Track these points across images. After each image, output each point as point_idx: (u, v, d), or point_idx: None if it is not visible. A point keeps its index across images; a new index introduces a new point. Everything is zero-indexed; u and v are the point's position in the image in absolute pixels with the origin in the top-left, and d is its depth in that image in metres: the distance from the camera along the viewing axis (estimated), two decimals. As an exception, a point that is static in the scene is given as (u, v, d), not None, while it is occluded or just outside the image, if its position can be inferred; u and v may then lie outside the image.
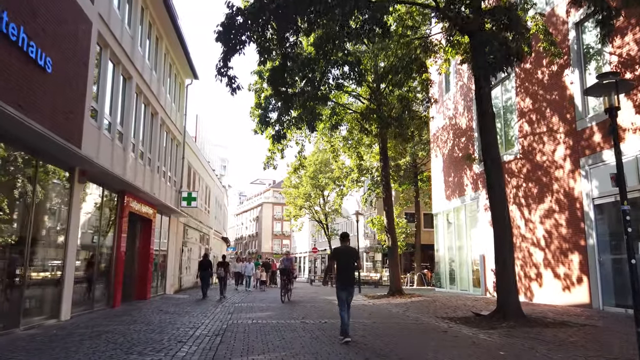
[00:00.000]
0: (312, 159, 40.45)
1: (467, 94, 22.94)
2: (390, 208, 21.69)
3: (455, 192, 24.29)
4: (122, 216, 13.45)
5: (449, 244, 25.66)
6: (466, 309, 14.30)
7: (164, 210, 18.85)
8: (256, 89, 20.57)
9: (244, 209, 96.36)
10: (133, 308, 13.29)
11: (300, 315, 12.25)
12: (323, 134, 25.28)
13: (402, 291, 20.92)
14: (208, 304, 15.57)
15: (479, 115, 12.08)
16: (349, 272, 8.33)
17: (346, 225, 45.85)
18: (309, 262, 60.65)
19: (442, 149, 26.28)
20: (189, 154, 23.91)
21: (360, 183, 33.81)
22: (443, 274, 26.03)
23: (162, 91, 18.07)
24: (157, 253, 18.55)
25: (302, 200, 40.74)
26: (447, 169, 25.31)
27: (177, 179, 21.28)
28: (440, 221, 27.10)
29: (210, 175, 32.40)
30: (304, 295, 21.31)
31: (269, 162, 23.01)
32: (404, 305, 16.00)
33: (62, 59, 9.32)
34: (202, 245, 29.88)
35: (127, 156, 13.79)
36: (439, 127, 26.51)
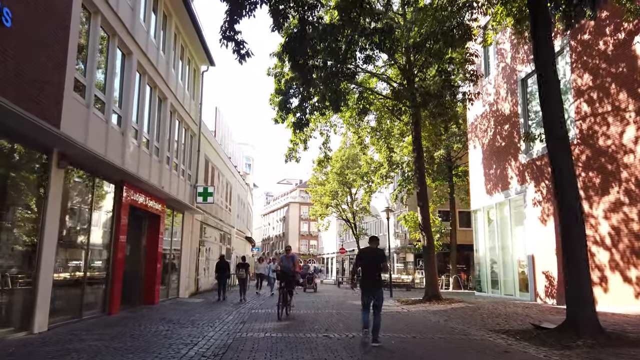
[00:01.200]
0: (339, 155, 38.54)
1: (510, 76, 20.59)
2: (425, 203, 19.51)
3: (497, 186, 21.91)
4: (120, 210, 11.80)
5: (491, 244, 23.29)
6: (520, 319, 12.09)
7: (176, 205, 17.24)
8: (276, 74, 18.75)
9: (270, 209, 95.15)
10: (132, 316, 11.61)
11: (323, 327, 10.31)
12: (349, 124, 23.29)
13: (439, 296, 18.74)
14: (221, 310, 13.80)
15: (541, 84, 9.88)
16: (373, 275, 7.84)
17: (375, 225, 43.65)
18: (337, 263, 58.61)
19: (481, 139, 23.95)
20: (206, 147, 22.31)
21: (390, 179, 31.68)
22: (484, 277, 23.67)
23: (172, 75, 16.45)
24: (168, 253, 16.95)
25: (328, 198, 38.81)
26: (488, 161, 22.95)
27: (191, 172, 19.67)
28: (480, 219, 24.72)
29: (231, 171, 30.83)
30: (330, 300, 19.35)
31: (290, 154, 21.19)
32: (445, 314, 13.87)
33: (29, 15, 7.65)
34: (223, 245, 28.30)
35: (127, 142, 12.14)
36: (478, 115, 24.17)
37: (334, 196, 38.72)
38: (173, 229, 17.57)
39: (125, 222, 12.11)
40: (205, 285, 22.88)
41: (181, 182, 17.99)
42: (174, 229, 17.66)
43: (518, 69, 19.85)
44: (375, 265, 7.90)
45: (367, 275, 7.93)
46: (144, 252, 14.63)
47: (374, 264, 7.89)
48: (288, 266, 12.36)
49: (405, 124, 20.69)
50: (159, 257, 15.11)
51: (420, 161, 19.59)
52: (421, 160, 19.73)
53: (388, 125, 23.19)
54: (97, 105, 10.61)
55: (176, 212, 17.90)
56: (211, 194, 19.73)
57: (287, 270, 12.31)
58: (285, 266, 12.39)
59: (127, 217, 12.21)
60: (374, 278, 7.89)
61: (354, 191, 39.89)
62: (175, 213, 17.72)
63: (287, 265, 12.40)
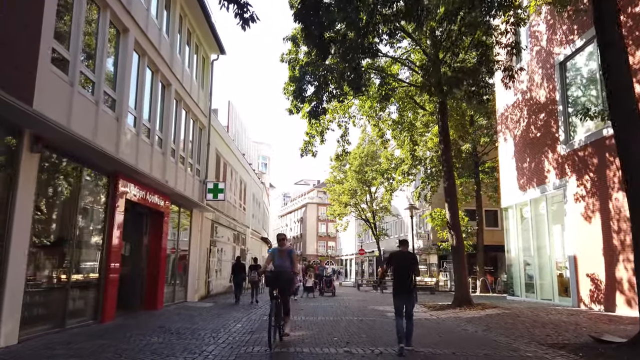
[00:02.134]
0: (357, 152, 37.00)
1: (545, 60, 18.82)
2: (454, 199, 17.87)
3: (531, 180, 20.13)
4: (115, 205, 10.51)
5: (524, 244, 21.50)
6: (572, 329, 10.40)
7: (183, 202, 15.96)
8: (290, 60, 17.34)
9: (287, 210, 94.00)
10: (127, 324, 10.29)
11: (344, 339, 8.82)
12: (369, 116, 21.76)
13: (470, 301, 17.07)
14: (229, 317, 12.40)
15: (603, 48, 8.24)
16: (405, 278, 7.69)
17: (396, 225, 41.92)
18: (356, 265, 56.97)
19: (512, 130, 22.18)
20: (217, 141, 21.03)
21: (412, 176, 30.00)
22: (517, 280, 21.87)
23: (178, 60, 15.17)
24: (175, 253, 15.67)
25: (347, 197, 37.27)
26: (521, 154, 21.16)
27: (201, 167, 18.39)
28: (511, 217, 22.91)
29: (246, 169, 29.56)
30: (350, 305, 17.84)
31: (306, 148, 19.76)
32: (481, 322, 12.25)
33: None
34: (237, 246, 27.03)
35: (123, 129, 10.85)
36: (508, 104, 22.41)
37: (352, 195, 37.17)
38: (180, 228, 16.30)
39: (120, 219, 10.82)
40: (217, 288, 21.59)
41: (189, 177, 16.71)
42: (181, 227, 16.39)
43: (555, 52, 18.08)
44: (407, 269, 7.73)
45: (399, 280, 7.75)
46: (145, 252, 13.36)
47: (405, 267, 7.74)
48: (283, 265, 8.70)
49: (430, 113, 19.10)
50: (163, 258, 13.83)
51: (447, 153, 17.96)
52: (449, 152, 18.10)
53: (410, 117, 21.61)
54: (85, 85, 9.33)
55: (183, 210, 16.63)
56: (222, 190, 18.42)
57: (282, 271, 8.66)
58: (280, 265, 8.72)
59: (122, 213, 10.92)
60: (406, 282, 7.67)
61: (374, 190, 38.28)
62: (182, 210, 16.45)
63: (281, 263, 8.72)
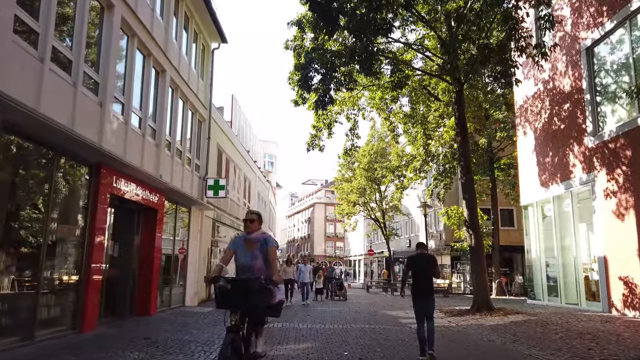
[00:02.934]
0: (367, 149, 35.73)
1: (570, 46, 17.48)
2: (472, 196, 16.59)
3: (554, 176, 18.79)
4: (97, 200, 9.37)
5: (546, 244, 20.15)
6: (615, 341, 9.10)
7: (180, 199, 14.84)
8: (295, 47, 16.15)
9: (295, 210, 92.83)
10: (109, 334, 9.15)
11: (356, 354, 7.60)
12: (380, 108, 20.50)
13: (491, 306, 15.79)
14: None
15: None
16: (425, 281, 7.61)
17: (406, 225, 40.59)
18: (365, 266, 55.67)
19: (533, 123, 20.83)
20: (218, 135, 19.89)
21: (424, 173, 28.70)
22: (538, 283, 20.52)
23: (173, 45, 14.04)
24: (171, 254, 14.54)
25: (355, 196, 35.99)
26: (542, 148, 19.81)
27: (200, 163, 17.26)
28: (531, 215, 21.55)
29: (250, 166, 28.42)
30: (360, 310, 16.60)
31: (313, 142, 18.57)
32: (507, 331, 10.98)
33: None
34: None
35: (107, 116, 9.72)
36: (528, 95, 21.06)
37: (361, 193, 35.88)
38: (177, 227, 15.17)
39: (104, 215, 9.69)
40: (219, 291, 20.44)
41: (187, 172, 15.58)
42: (178, 226, 15.26)
43: (581, 37, 16.74)
44: (427, 272, 7.62)
45: (419, 283, 7.62)
46: (137, 252, 12.22)
47: (425, 270, 7.61)
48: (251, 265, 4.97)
49: (445, 104, 17.84)
50: (157, 259, 12.68)
51: (465, 146, 16.68)
52: (466, 145, 16.82)
53: (423, 111, 20.36)
54: (60, 63, 8.20)
55: (181, 207, 15.50)
56: (223, 187, 17.27)
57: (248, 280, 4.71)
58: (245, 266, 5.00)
59: (107, 208, 9.79)
60: (426, 285, 7.60)
61: (383, 188, 36.98)
62: (179, 208, 15.32)
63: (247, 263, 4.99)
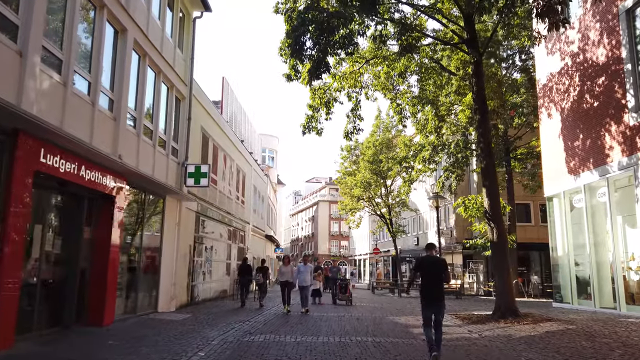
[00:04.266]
0: (371, 140, 33.41)
1: (605, 12, 15.14)
2: (494, 183, 14.28)
3: (586, 162, 16.45)
4: (13, 177, 7.12)
5: (575, 240, 17.82)
6: None
7: (149, 186, 12.60)
8: (287, 10, 13.86)
9: (298, 208, 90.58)
10: (23, 354, 6.90)
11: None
12: (385, 88, 18.18)
13: (516, 311, 13.45)
14: (196, 338, 8.95)
15: None
16: (436, 285, 7.22)
17: (414, 222, 38.18)
18: (370, 265, 53.30)
19: (559, 103, 18.48)
20: (203, 118, 17.65)
21: (434, 164, 26.37)
22: (566, 284, 18.17)
23: (139, 3, 11.78)
24: (136, 251, 12.28)
25: (359, 190, 33.62)
26: (571, 130, 17.45)
27: (179, 146, 15.02)
28: (557, 208, 19.20)
29: (245, 158, 26.17)
30: (363, 316, 14.25)
31: (309, 124, 16.33)
32: (547, 346, 8.70)
33: None
34: (234, 244, 23.63)
35: (30, 71, 7.48)
36: (552, 73, 18.70)
37: (365, 188, 33.50)
38: (146, 219, 12.92)
39: (25, 198, 7.43)
40: (205, 293, 18.19)
41: (160, 156, 13.34)
42: (147, 218, 13.01)
43: (618, 0, 14.47)
44: (437, 275, 7.31)
45: (428, 286, 7.29)
46: (87, 248, 9.96)
47: (435, 273, 7.32)
48: None
49: (461, 78, 15.52)
50: (115, 257, 10.42)
51: (485, 125, 14.34)
52: (487, 124, 14.48)
53: (434, 92, 18.03)
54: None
55: (152, 196, 13.27)
56: (205, 174, 15.01)
57: None
58: None
59: (30, 190, 7.53)
60: (436, 289, 7.27)
61: (390, 183, 34.58)
62: (149, 197, 13.08)
63: None
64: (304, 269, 15.38)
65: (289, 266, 15.65)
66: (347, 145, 35.45)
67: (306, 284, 15.19)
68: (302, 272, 15.32)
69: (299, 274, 15.31)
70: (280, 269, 16.03)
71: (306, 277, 15.20)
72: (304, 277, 15.22)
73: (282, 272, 15.55)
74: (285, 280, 15.14)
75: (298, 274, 15.33)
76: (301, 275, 15.28)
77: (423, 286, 7.29)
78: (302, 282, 15.23)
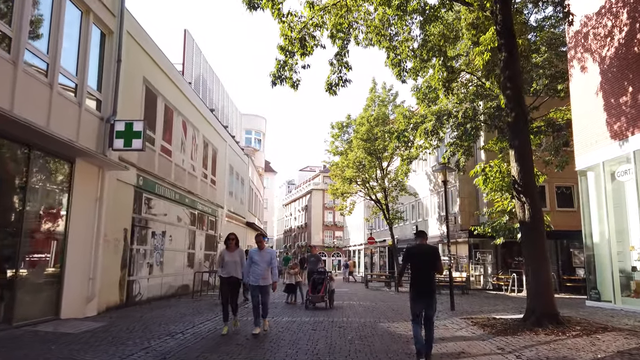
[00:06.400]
0: (365, 115, 29.66)
1: None
2: (525, 142, 10.64)
3: (635, 121, 12.84)
4: None
5: (617, 225, 14.27)
6: None
7: (42, 142, 8.84)
8: None
9: (292, 198, 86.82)
10: None
11: None
12: (379, 34, 14.35)
13: (557, 316, 9.83)
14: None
15: None
16: (426, 277, 6.75)
17: (413, 209, 34.48)
18: (365, 257, 49.73)
19: (597, 51, 14.83)
20: (146, 67, 13.83)
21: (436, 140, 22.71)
22: (605, 279, 14.60)
23: None
24: (12, 236, 8.48)
25: (351, 171, 29.85)
26: (615, 83, 13.79)
27: (102, 97, 11.24)
28: (592, 184, 15.62)
29: (217, 130, 22.36)
30: (348, 321, 10.47)
31: (280, 72, 12.62)
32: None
33: None
34: (201, 231, 19.91)
35: None
36: (589, 15, 15.01)
37: (359, 168, 29.74)
38: (34, 188, 9.12)
39: None
40: (153, 291, 14.46)
41: (63, 102, 9.55)
42: (34, 186, 9.21)
43: None
44: (427, 266, 6.77)
45: (418, 279, 6.77)
46: None
47: (426, 264, 6.77)
48: None
49: (479, 6, 11.74)
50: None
51: (513, 65, 10.63)
52: (516, 64, 10.74)
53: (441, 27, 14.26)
54: None
55: (49, 158, 9.50)
56: (139, 134, 11.23)
57: None
58: None
59: None
60: (426, 282, 6.73)
61: (386, 164, 30.85)
62: (42, 159, 9.31)
63: None
64: (258, 256, 8.79)
65: (236, 252, 8.99)
66: (337, 122, 31.65)
67: (264, 283, 8.74)
68: (256, 261, 8.77)
69: (250, 265, 8.81)
70: (222, 255, 9.07)
71: (261, 268, 8.72)
72: (256, 269, 8.71)
73: (225, 262, 8.91)
74: (230, 276, 8.87)
75: (249, 265, 8.84)
76: (254, 267, 8.74)
77: (412, 278, 6.84)
78: (251, 278, 8.77)
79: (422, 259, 6.84)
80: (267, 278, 8.82)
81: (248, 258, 8.94)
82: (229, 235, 9.14)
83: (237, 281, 8.97)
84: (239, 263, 8.91)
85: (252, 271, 8.76)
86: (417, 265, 6.84)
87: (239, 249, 9.15)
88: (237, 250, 9.05)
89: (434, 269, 6.81)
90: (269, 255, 8.94)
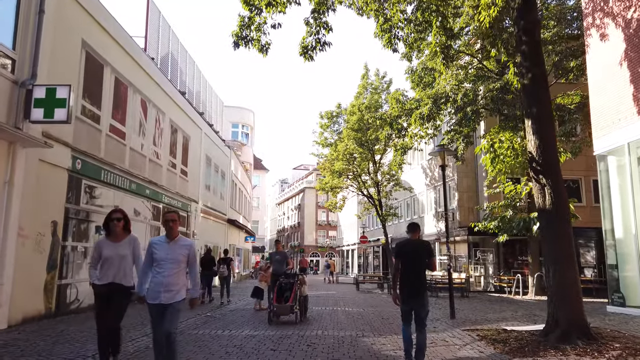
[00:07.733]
0: (357, 104, 27.50)
1: None
2: (545, 111, 8.45)
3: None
4: None
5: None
6: None
7: None
8: None
9: (285, 196, 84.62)
10: None
11: None
12: None
13: (588, 331, 7.65)
14: None
15: None
16: (418, 274, 6.16)
17: (408, 206, 32.31)
18: (359, 257, 47.53)
19: (617, 17, 12.72)
20: (86, 27, 11.54)
21: (433, 128, 20.71)
22: (633, 281, 12.45)
23: None
24: None
25: (341, 164, 27.64)
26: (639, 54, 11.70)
27: (17, 55, 9.00)
28: (613, 170, 13.47)
29: (189, 115, 20.11)
30: (324, 335, 8.13)
31: (242, 31, 10.48)
32: None
33: None
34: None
35: None
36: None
37: (349, 161, 27.53)
38: None
39: None
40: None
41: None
42: None
43: None
44: (418, 263, 6.17)
45: (408, 277, 6.14)
46: None
47: (417, 261, 6.17)
48: None
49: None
50: None
51: (531, 14, 8.46)
52: (533, 12, 8.58)
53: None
54: None
55: None
56: (63, 102, 9.01)
57: None
58: None
59: None
60: (417, 279, 6.10)
61: (378, 157, 28.67)
62: None
63: None
64: (165, 251, 4.98)
65: (124, 241, 5.50)
66: (327, 111, 29.45)
67: (170, 299, 4.88)
68: (161, 260, 4.97)
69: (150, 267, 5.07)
70: (99, 247, 5.52)
71: (169, 276, 4.94)
72: (161, 276, 4.92)
73: (103, 259, 5.42)
74: (110, 283, 5.35)
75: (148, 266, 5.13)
76: (156, 271, 4.97)
77: (402, 276, 6.19)
78: (154, 290, 4.93)
79: (414, 254, 6.22)
80: (175, 289, 4.90)
81: (147, 253, 5.03)
82: (112, 212, 5.57)
83: (122, 292, 5.34)
84: (129, 260, 5.41)
85: (153, 277, 4.92)
86: (408, 261, 6.21)
87: (130, 237, 5.51)
88: (127, 239, 5.46)
89: (426, 265, 6.19)
90: (184, 249, 5.03)
